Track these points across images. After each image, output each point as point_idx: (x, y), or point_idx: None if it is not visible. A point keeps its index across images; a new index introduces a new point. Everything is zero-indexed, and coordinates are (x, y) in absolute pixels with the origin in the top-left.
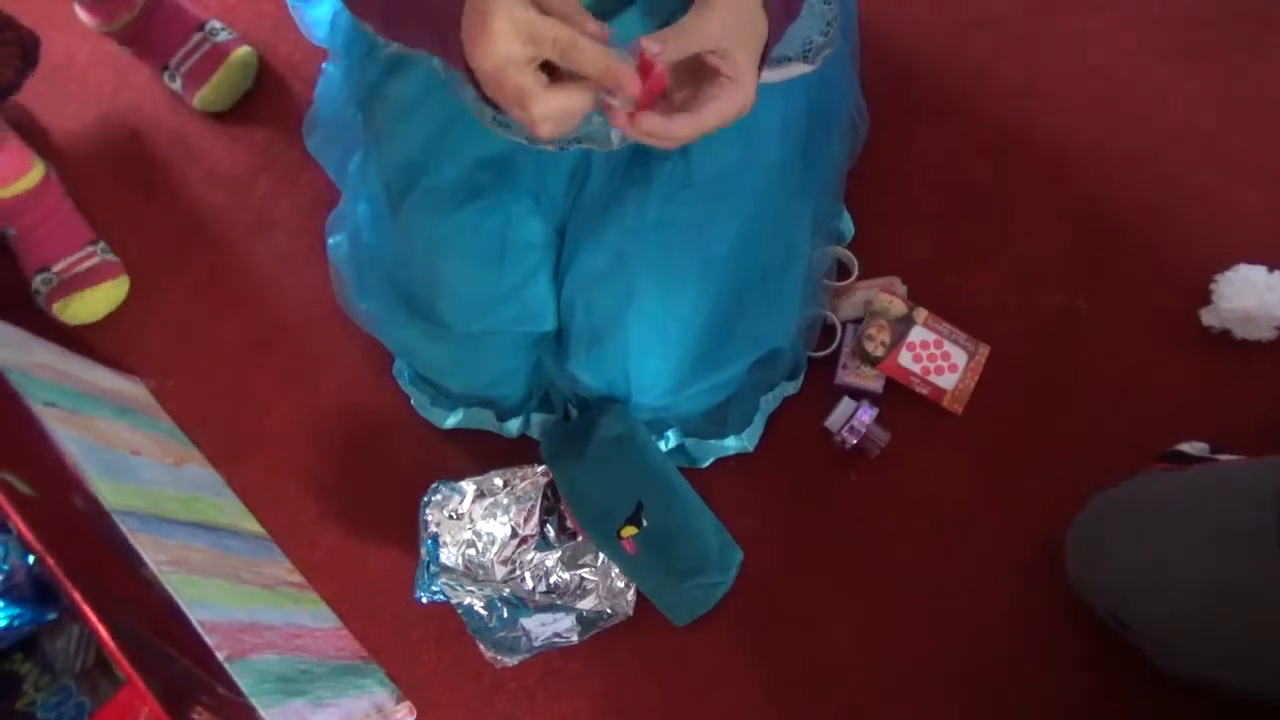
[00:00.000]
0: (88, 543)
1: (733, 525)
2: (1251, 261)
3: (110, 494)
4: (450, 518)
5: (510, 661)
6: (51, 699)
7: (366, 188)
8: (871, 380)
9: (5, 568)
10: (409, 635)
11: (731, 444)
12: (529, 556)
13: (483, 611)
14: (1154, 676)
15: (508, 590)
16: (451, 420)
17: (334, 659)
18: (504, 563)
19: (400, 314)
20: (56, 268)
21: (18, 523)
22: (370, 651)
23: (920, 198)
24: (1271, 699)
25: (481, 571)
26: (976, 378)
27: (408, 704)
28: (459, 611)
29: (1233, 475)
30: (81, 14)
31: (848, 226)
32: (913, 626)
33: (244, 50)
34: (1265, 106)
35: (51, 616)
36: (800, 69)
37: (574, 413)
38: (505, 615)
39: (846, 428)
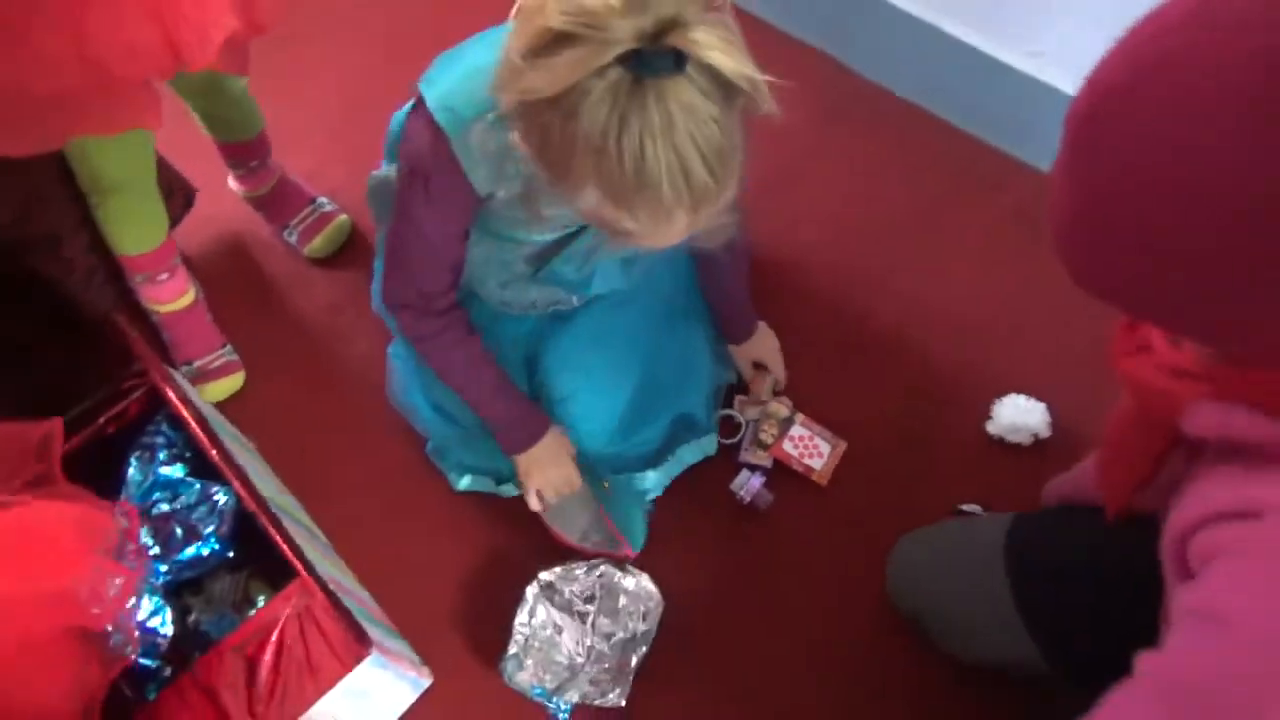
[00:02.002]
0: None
1: (661, 564)
2: (1017, 392)
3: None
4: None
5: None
6: (213, 619)
7: None
8: (763, 459)
9: (225, 511)
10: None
11: (651, 477)
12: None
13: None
14: (943, 659)
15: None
16: (464, 483)
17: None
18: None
19: (430, 411)
20: (197, 363)
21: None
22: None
23: (803, 340)
24: (1013, 670)
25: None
26: (836, 462)
27: (428, 668)
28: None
29: (987, 522)
30: (233, 183)
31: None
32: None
33: (342, 218)
34: (1039, 298)
35: (230, 554)
36: None
37: None
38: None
39: (745, 489)
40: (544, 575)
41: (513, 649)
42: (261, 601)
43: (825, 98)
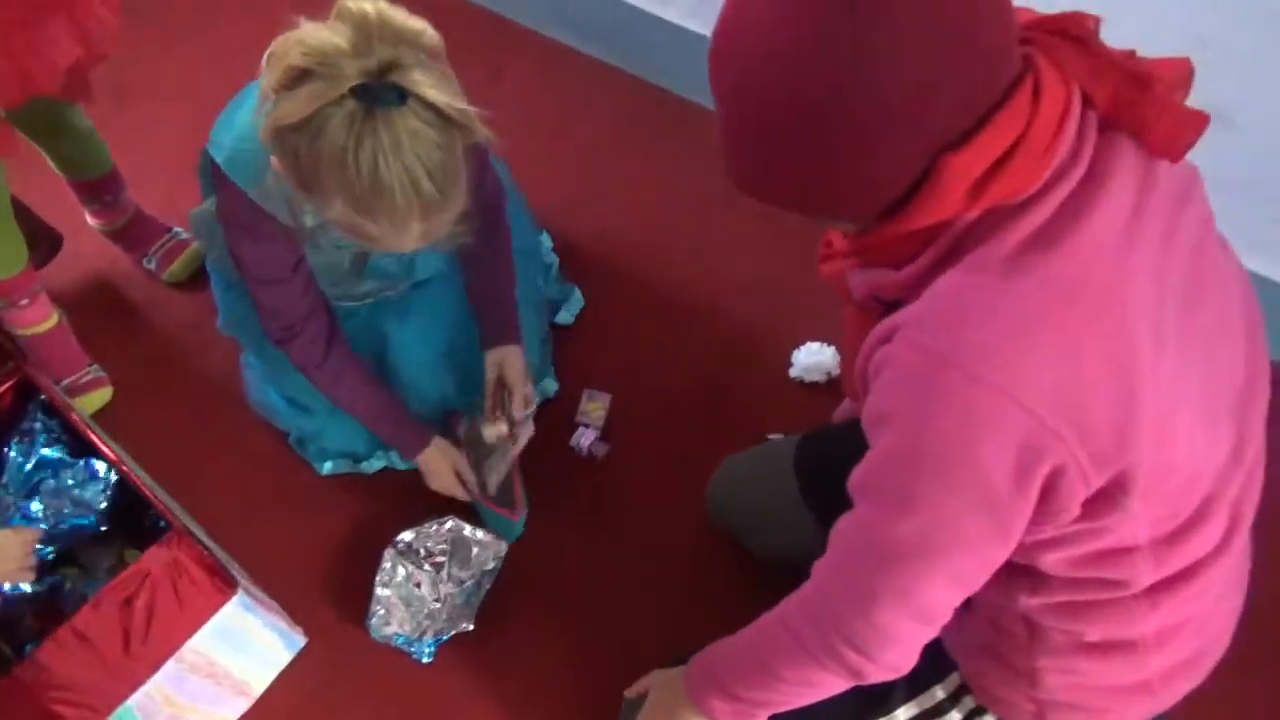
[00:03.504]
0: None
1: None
2: (811, 341)
3: None
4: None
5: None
6: (90, 584)
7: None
8: (597, 419)
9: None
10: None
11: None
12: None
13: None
14: (757, 564)
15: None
16: (327, 468)
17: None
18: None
19: (285, 406)
20: (66, 381)
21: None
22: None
23: (625, 311)
24: (809, 561)
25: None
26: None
27: (301, 628)
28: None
29: (785, 442)
30: (90, 219)
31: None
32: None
33: (196, 245)
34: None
35: (104, 527)
36: None
37: None
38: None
39: (580, 442)
40: (402, 536)
41: (377, 608)
42: None
43: (623, 106)
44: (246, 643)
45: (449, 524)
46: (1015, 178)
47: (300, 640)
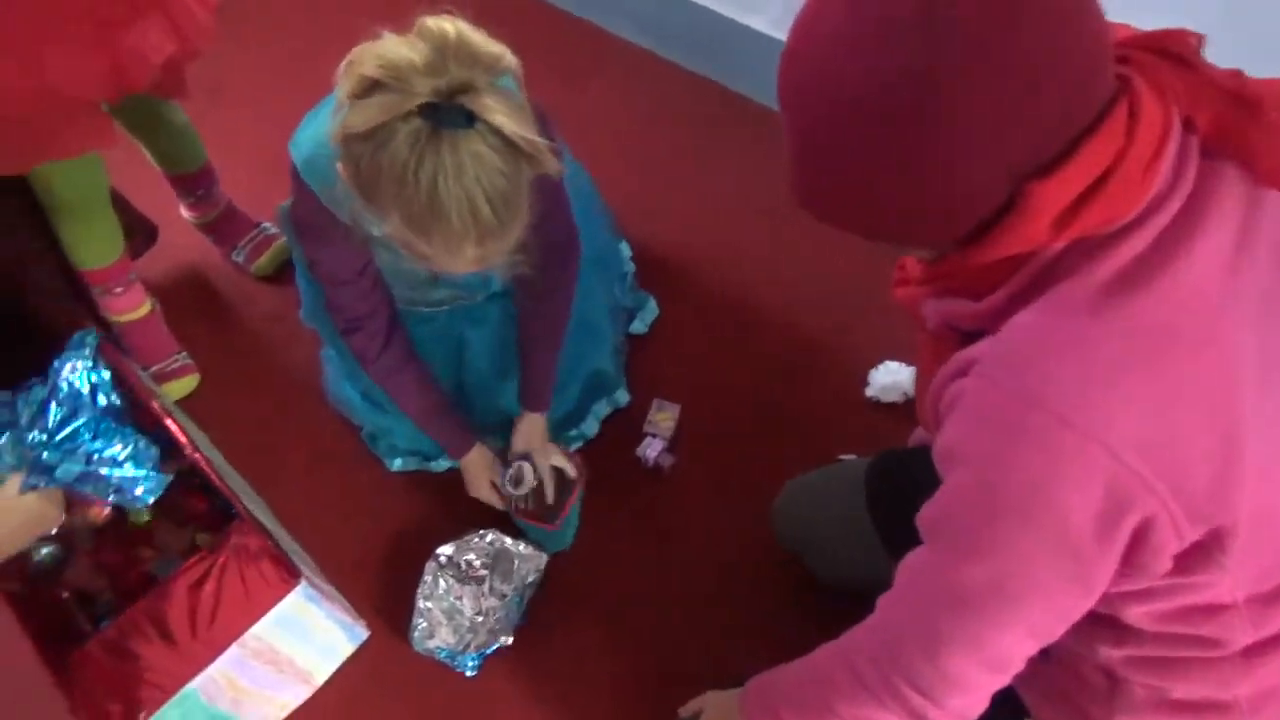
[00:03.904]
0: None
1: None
2: (889, 360)
3: None
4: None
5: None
6: (163, 564)
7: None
8: (666, 429)
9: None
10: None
11: (575, 433)
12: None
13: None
14: (821, 589)
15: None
16: (397, 464)
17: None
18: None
19: (360, 401)
20: (155, 367)
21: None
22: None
23: (704, 322)
24: (876, 589)
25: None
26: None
27: (364, 620)
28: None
29: (856, 463)
30: (184, 212)
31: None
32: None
33: (283, 240)
34: None
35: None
36: None
37: None
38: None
39: (647, 453)
40: (443, 550)
41: (419, 620)
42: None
43: (707, 115)
44: (309, 633)
45: (490, 537)
46: (1107, 207)
47: (363, 633)
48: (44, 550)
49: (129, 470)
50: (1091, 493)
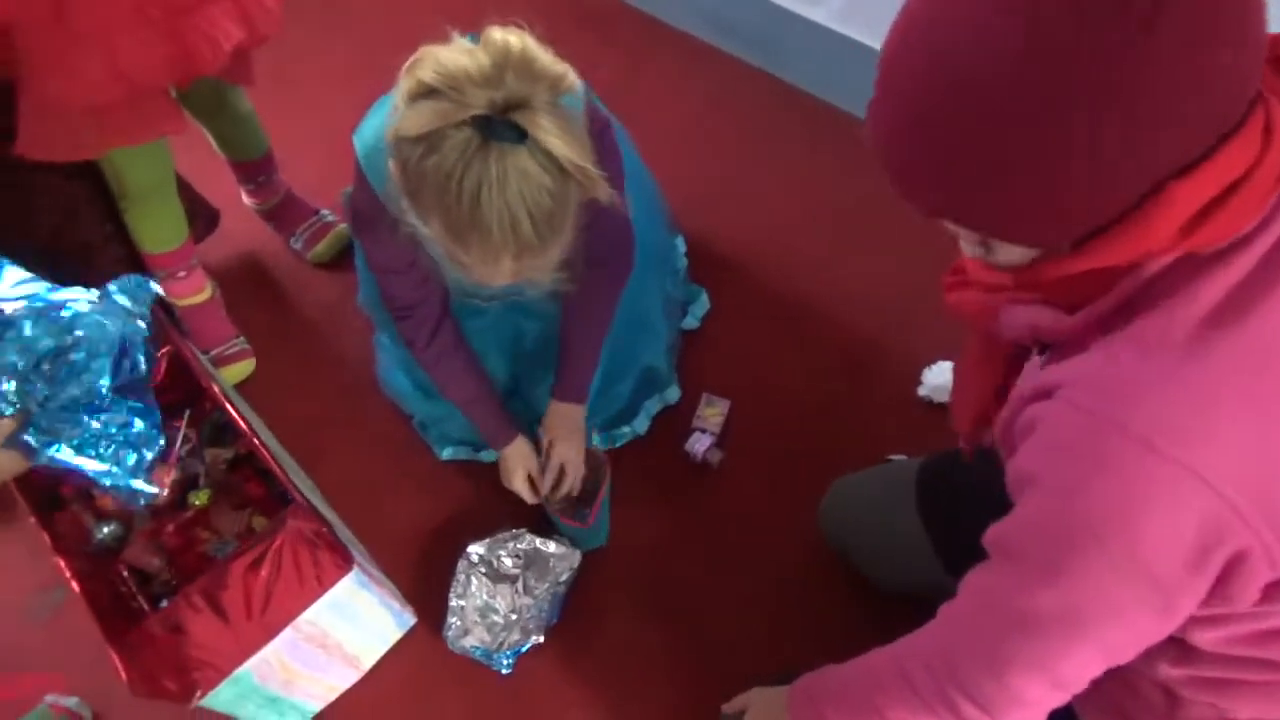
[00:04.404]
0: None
1: (616, 516)
2: (944, 359)
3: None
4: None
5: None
6: (220, 547)
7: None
8: (714, 423)
9: None
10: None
11: (626, 430)
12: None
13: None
14: (869, 590)
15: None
16: (447, 453)
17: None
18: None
19: (412, 390)
20: (214, 351)
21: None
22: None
23: (755, 318)
24: (925, 591)
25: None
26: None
27: (411, 607)
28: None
29: (906, 463)
30: (245, 198)
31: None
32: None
33: (341, 227)
34: None
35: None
36: None
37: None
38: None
39: (696, 448)
40: (474, 549)
41: (453, 619)
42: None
43: (764, 109)
44: (359, 618)
45: (524, 537)
46: (1229, 218)
47: (410, 619)
48: (105, 529)
49: (114, 474)
50: (1183, 524)
